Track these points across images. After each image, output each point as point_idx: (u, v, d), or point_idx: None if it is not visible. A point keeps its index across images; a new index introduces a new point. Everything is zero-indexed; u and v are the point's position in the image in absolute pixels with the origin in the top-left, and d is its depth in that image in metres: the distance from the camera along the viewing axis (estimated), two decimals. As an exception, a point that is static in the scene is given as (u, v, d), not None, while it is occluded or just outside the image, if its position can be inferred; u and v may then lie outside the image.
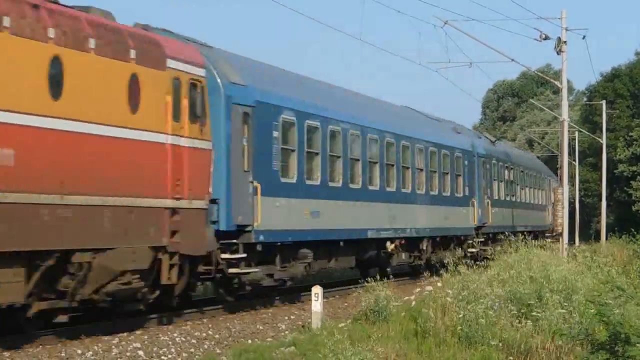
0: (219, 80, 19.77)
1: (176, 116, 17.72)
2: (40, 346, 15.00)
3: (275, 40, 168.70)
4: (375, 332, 16.10)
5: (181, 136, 17.80)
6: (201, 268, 19.26)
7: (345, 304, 23.08)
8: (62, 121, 14.76)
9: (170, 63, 17.74)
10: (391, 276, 27.66)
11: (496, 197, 38.84)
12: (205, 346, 16.08)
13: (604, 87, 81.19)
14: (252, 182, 20.33)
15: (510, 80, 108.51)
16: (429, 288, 19.37)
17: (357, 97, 29.79)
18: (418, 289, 23.62)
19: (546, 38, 33.59)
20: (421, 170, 30.60)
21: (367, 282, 19.11)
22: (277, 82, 23.21)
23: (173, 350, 15.53)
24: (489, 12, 58.55)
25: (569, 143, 49.32)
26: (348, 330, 16.33)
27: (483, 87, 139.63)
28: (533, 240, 24.57)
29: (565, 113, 34.97)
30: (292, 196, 22.23)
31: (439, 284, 17.52)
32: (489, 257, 32.91)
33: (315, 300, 17.85)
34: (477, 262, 21.34)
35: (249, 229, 20.18)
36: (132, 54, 16.54)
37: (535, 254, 22.04)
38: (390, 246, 27.83)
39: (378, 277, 19.77)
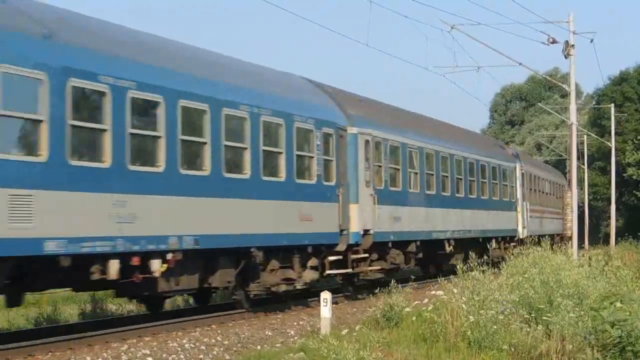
0: None
1: None
2: (50, 353, 14.99)
3: (282, 46, 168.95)
4: (385, 338, 16.05)
5: None
6: None
7: (354, 310, 23.02)
8: None
9: None
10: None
11: (397, 192, 27.29)
12: (215, 352, 16.05)
13: (612, 90, 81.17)
14: None
15: (518, 84, 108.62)
16: (440, 293, 19.30)
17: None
18: (429, 294, 23.57)
19: (554, 42, 33.62)
20: (206, 143, 18.50)
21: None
22: None
23: (182, 356, 15.50)
24: (496, 16, 58.62)
25: (578, 147, 49.14)
26: (357, 335, 16.28)
27: (491, 91, 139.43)
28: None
29: (573, 117, 34.94)
30: None
31: (454, 290, 17.44)
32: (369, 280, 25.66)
33: (325, 306, 17.78)
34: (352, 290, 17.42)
35: None
36: None
37: (547, 257, 21.97)
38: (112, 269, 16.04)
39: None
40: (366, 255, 25.15)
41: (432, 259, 32.97)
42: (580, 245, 44.21)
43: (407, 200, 28.18)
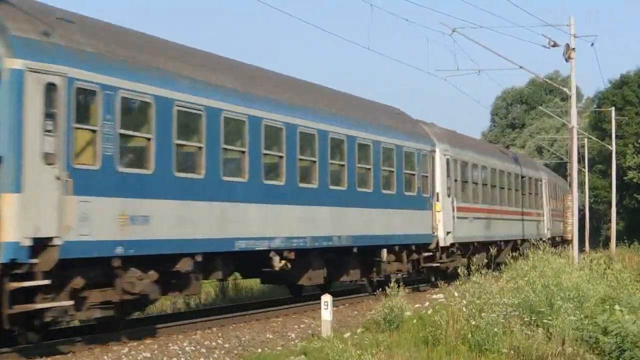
0: None
1: None
2: (50, 356, 15.00)
3: (283, 48, 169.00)
4: (385, 340, 16.08)
5: None
6: None
7: (355, 312, 23.04)
8: None
9: None
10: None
11: (140, 177, 16.86)
12: (215, 355, 16.06)
13: (613, 93, 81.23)
14: None
15: (519, 87, 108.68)
16: (440, 296, 19.33)
17: None
18: (430, 297, 23.58)
19: (555, 45, 33.61)
20: None
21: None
22: None
23: (183, 359, 15.52)
24: (497, 19, 58.63)
25: (578, 150, 48.85)
26: (358, 338, 16.32)
27: (492, 94, 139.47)
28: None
29: (574, 120, 34.94)
30: None
31: (455, 293, 17.48)
32: None
33: (325, 309, 17.80)
34: None
35: None
36: None
37: (548, 260, 22.01)
38: None
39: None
40: (48, 282, 14.66)
41: (252, 278, 25.13)
42: (581, 249, 44.12)
43: (164, 189, 17.32)
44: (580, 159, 65.47)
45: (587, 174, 75.00)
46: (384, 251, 26.07)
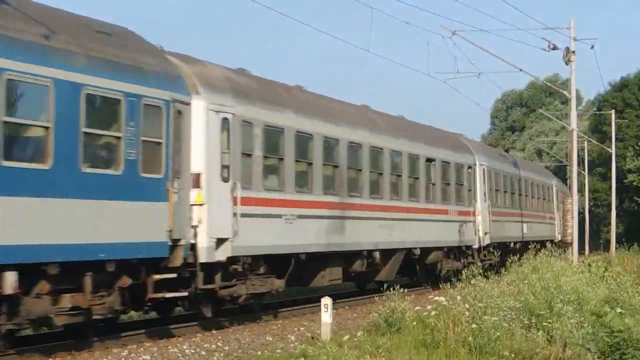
0: None
1: None
2: (50, 358, 15.01)
3: (283, 50, 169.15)
4: (385, 343, 16.07)
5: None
6: None
7: (355, 315, 23.03)
8: None
9: None
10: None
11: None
12: (215, 358, 16.06)
13: (613, 96, 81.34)
14: None
15: (518, 90, 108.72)
16: (441, 299, 19.31)
17: None
18: (431, 300, 23.56)
19: (554, 48, 33.62)
20: None
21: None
22: None
23: (183, 362, 15.53)
24: (497, 22, 58.75)
25: (578, 153, 48.79)
26: (358, 341, 16.30)
27: (491, 97, 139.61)
28: None
29: (574, 123, 34.96)
30: None
31: (458, 297, 17.47)
32: None
33: (325, 312, 17.78)
34: None
35: None
36: None
37: (547, 262, 22.04)
38: None
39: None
40: None
41: None
42: (581, 252, 44.08)
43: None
44: (580, 162, 65.54)
45: (587, 176, 75.07)
46: (9, 277, 13.74)
